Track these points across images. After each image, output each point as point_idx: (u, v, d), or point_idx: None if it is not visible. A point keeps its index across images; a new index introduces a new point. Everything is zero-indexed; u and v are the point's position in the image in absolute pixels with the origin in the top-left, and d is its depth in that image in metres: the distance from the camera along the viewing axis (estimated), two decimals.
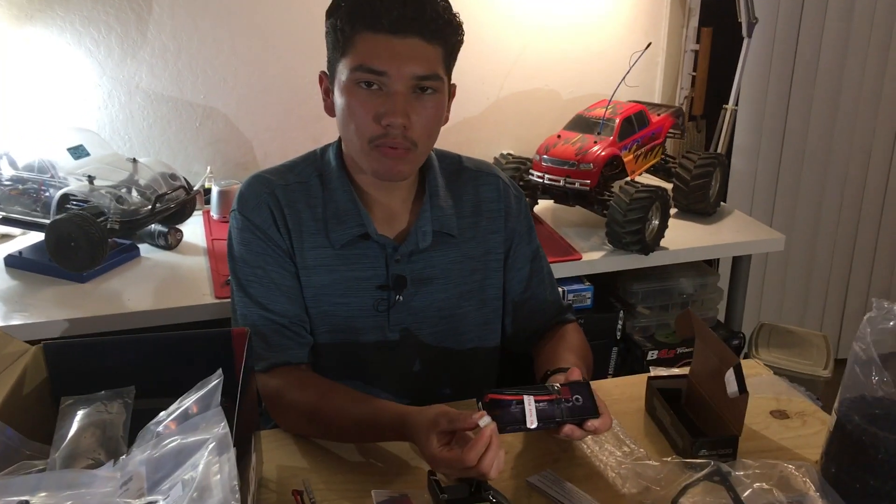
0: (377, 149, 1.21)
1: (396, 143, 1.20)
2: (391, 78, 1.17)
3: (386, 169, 1.24)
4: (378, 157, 1.22)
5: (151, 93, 2.19)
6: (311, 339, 1.33)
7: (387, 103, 1.18)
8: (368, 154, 1.23)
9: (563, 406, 1.10)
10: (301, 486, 1.10)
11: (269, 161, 2.33)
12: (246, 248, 1.30)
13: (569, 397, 1.11)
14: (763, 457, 1.15)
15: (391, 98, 1.18)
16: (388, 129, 1.19)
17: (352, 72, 1.18)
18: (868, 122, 2.92)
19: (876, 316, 1.00)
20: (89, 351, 1.08)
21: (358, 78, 1.18)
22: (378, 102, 1.19)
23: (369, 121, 1.20)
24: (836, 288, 3.16)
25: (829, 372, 2.23)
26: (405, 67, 1.17)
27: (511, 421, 1.08)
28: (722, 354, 1.19)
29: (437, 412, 1.07)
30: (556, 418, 1.10)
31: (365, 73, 1.17)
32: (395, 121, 1.18)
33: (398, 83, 1.18)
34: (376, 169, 1.24)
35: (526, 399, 1.10)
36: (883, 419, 1.00)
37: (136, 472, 0.80)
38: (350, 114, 1.21)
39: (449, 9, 1.21)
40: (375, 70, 1.17)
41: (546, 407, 1.10)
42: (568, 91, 2.54)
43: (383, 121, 1.19)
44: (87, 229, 1.69)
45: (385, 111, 1.18)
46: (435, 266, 1.34)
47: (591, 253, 2.00)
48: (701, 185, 2.18)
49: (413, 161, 1.26)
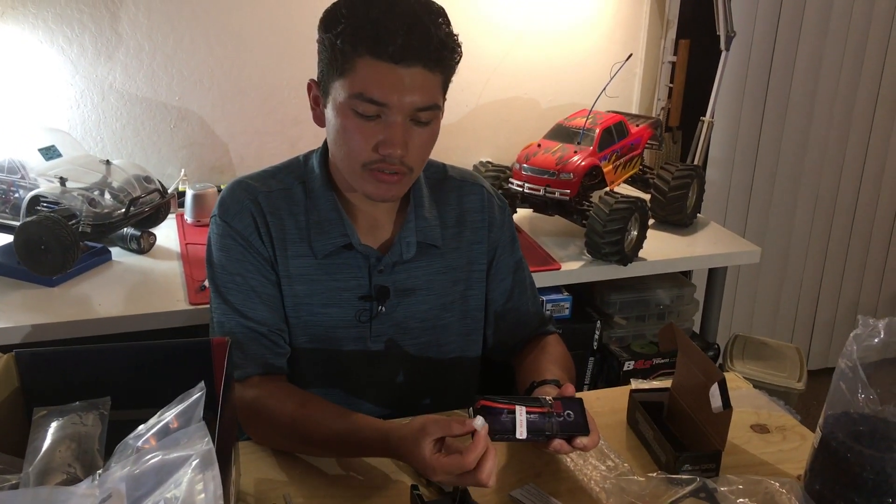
0: (371, 173, 1.19)
1: (393, 170, 1.18)
2: (391, 109, 1.14)
3: (379, 193, 1.22)
4: (372, 180, 1.20)
5: (125, 93, 2.15)
6: (289, 349, 1.30)
7: (385, 132, 1.16)
8: (361, 176, 1.20)
9: (555, 420, 1.09)
10: (281, 501, 1.08)
11: (244, 165, 2.30)
12: (226, 255, 1.27)
13: (560, 412, 1.10)
14: (744, 471, 1.15)
15: (390, 128, 1.15)
16: (384, 157, 1.17)
17: (350, 97, 1.15)
18: (840, 136, 2.96)
19: (861, 333, 1.00)
20: (63, 360, 1.05)
21: (356, 105, 1.14)
22: (376, 130, 1.16)
23: (365, 147, 1.17)
24: (806, 299, 3.20)
25: (803, 385, 2.25)
26: (406, 98, 1.14)
27: (500, 430, 1.07)
28: (706, 369, 1.19)
29: (425, 420, 1.05)
30: (546, 432, 1.08)
31: (364, 102, 1.14)
32: (394, 152, 1.16)
33: (398, 115, 1.15)
34: (369, 192, 1.22)
35: (518, 409, 1.09)
36: (868, 436, 1.00)
37: (115, 490, 0.77)
38: (345, 137, 1.18)
39: (452, 34, 1.17)
40: (376, 101, 1.13)
41: (537, 419, 1.09)
42: (547, 100, 2.55)
43: (381, 150, 1.16)
44: (57, 232, 1.65)
45: (383, 141, 1.16)
46: (418, 277, 1.33)
47: (570, 263, 2.00)
48: (678, 196, 2.19)
49: (406, 184, 1.24)
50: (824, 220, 3.08)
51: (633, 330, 2.21)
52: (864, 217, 3.14)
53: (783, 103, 2.85)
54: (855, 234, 3.15)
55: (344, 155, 1.20)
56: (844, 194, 3.07)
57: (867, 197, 3.11)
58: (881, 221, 3.18)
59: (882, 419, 1.00)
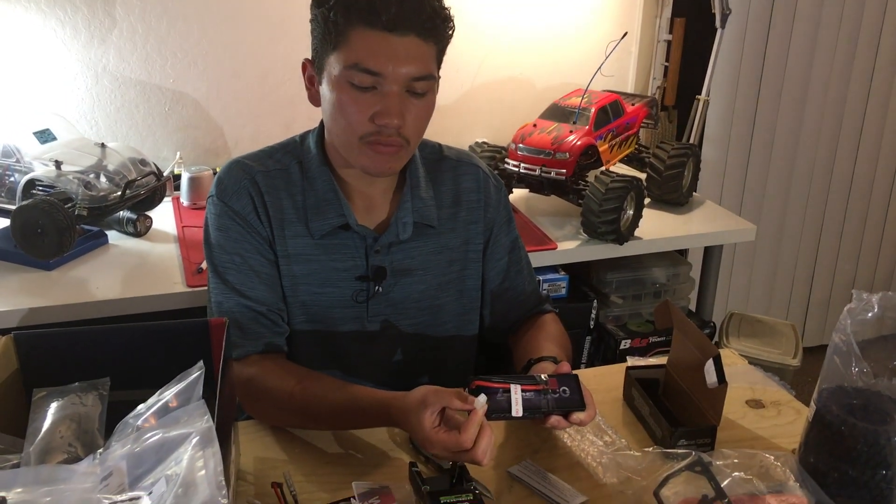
0: (368, 145, 1.19)
1: (390, 141, 1.19)
2: (386, 79, 1.14)
3: (376, 165, 1.22)
4: (369, 153, 1.20)
5: (119, 76, 2.14)
6: (288, 328, 1.31)
7: (381, 103, 1.16)
8: (358, 150, 1.20)
9: (550, 397, 1.10)
10: (280, 479, 1.09)
11: (239, 147, 2.30)
12: (224, 235, 1.27)
13: (556, 388, 1.11)
14: (739, 446, 1.16)
15: (386, 98, 1.16)
16: (381, 128, 1.17)
17: (345, 69, 1.15)
18: (836, 113, 2.96)
19: (856, 307, 1.01)
20: (62, 341, 1.06)
21: (352, 77, 1.15)
22: (372, 101, 1.16)
23: (362, 119, 1.17)
24: (802, 277, 3.21)
25: (798, 361, 2.26)
26: (401, 68, 1.14)
27: (496, 409, 1.07)
28: (701, 345, 1.20)
29: (426, 392, 1.06)
30: (542, 409, 1.09)
31: (360, 72, 1.14)
32: (391, 122, 1.16)
33: (393, 84, 1.15)
34: (366, 165, 1.22)
35: (513, 388, 1.10)
36: (861, 409, 1.01)
37: (116, 467, 0.78)
38: (341, 110, 1.18)
39: (443, 5, 1.18)
40: (371, 71, 1.14)
41: (532, 397, 1.10)
42: (542, 80, 2.54)
43: (377, 120, 1.16)
44: (54, 216, 1.65)
45: (379, 111, 1.16)
46: (414, 257, 1.33)
47: (566, 242, 2.00)
48: (674, 175, 2.19)
49: (403, 158, 1.24)
50: (820, 197, 3.09)
51: (629, 309, 2.22)
52: (860, 194, 3.14)
53: (779, 81, 2.84)
54: (850, 211, 3.16)
55: (341, 129, 1.20)
56: (840, 171, 3.07)
57: (863, 174, 3.11)
58: (877, 199, 3.18)
59: (876, 392, 1.01)
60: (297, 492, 1.06)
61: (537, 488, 1.11)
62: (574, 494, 1.10)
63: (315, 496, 1.08)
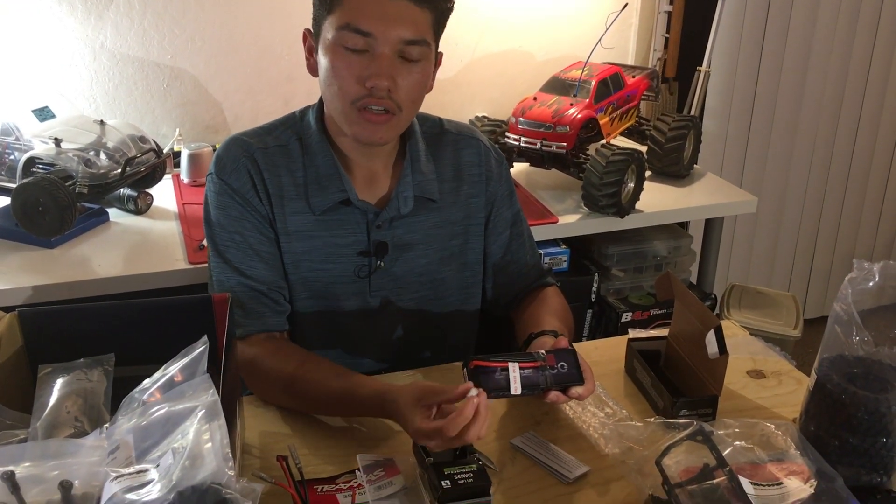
0: (360, 112, 1.19)
1: (381, 105, 1.18)
2: (378, 40, 1.15)
3: (367, 133, 1.21)
4: (360, 120, 1.20)
5: (117, 53, 2.13)
6: (289, 306, 1.31)
7: (372, 65, 1.16)
8: (350, 116, 1.20)
9: (548, 373, 1.11)
10: (286, 452, 1.09)
11: (239, 124, 2.29)
12: (223, 213, 1.27)
13: (554, 364, 1.12)
14: (740, 416, 1.17)
15: (376, 60, 1.16)
16: (371, 91, 1.17)
17: (337, 31, 1.15)
18: (837, 84, 2.95)
19: (856, 276, 1.01)
20: (66, 318, 1.06)
21: (344, 38, 1.15)
22: (363, 64, 1.16)
23: (353, 82, 1.17)
24: (803, 248, 3.21)
25: (799, 332, 2.27)
26: (393, 30, 1.14)
27: (495, 387, 1.08)
28: (702, 316, 1.21)
29: (421, 388, 1.06)
30: (541, 385, 1.10)
31: (351, 32, 1.14)
32: (381, 83, 1.16)
33: (385, 46, 1.15)
34: (357, 133, 1.22)
35: (511, 366, 1.10)
36: (862, 378, 1.02)
37: (123, 441, 0.79)
38: (334, 74, 1.18)
39: None
40: (362, 31, 1.14)
41: (531, 374, 1.10)
42: (542, 52, 2.52)
43: (367, 83, 1.16)
44: (54, 194, 1.65)
45: (370, 73, 1.16)
46: (416, 231, 1.33)
47: (567, 216, 2.00)
48: (675, 147, 2.18)
49: (395, 127, 1.24)
50: (821, 168, 3.08)
51: (630, 282, 2.23)
52: (861, 165, 3.13)
53: (780, 52, 2.82)
54: (851, 182, 3.15)
55: (334, 94, 1.20)
56: (841, 143, 3.06)
57: (863, 145, 3.10)
58: (877, 170, 3.18)
59: (876, 361, 1.01)
60: (303, 465, 1.07)
61: (540, 459, 1.12)
62: (576, 465, 1.11)
63: (320, 469, 1.09)
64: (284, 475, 1.01)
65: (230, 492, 0.72)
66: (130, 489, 0.73)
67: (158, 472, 0.74)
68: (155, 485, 0.73)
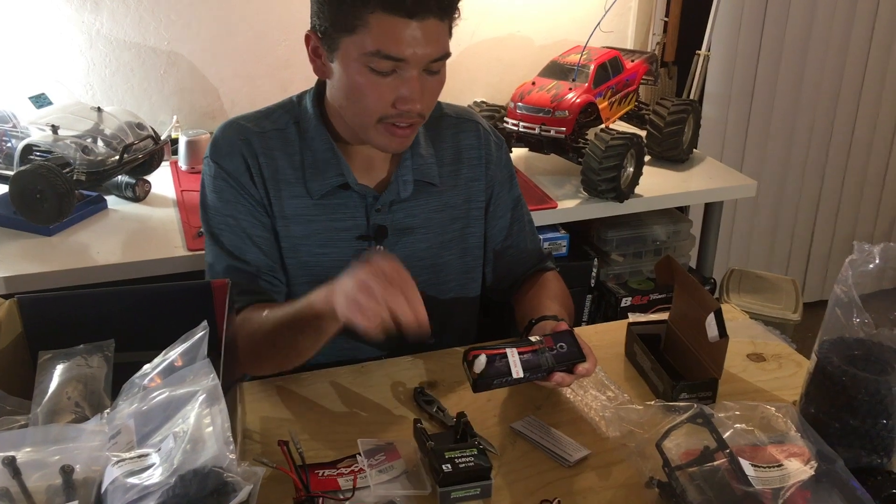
0: (386, 126, 1.19)
1: (409, 122, 1.19)
2: (408, 64, 1.13)
3: (395, 145, 1.22)
4: (386, 134, 1.20)
5: (113, 39, 2.12)
6: (284, 286, 1.31)
7: (402, 88, 1.15)
8: (377, 130, 1.20)
9: (548, 354, 1.11)
10: (287, 437, 1.09)
11: (236, 110, 2.27)
12: (218, 196, 1.27)
13: (552, 345, 1.11)
14: (741, 399, 1.17)
15: (408, 84, 1.15)
16: (402, 112, 1.17)
17: (365, 55, 1.13)
18: (836, 67, 2.94)
19: (857, 258, 1.01)
20: (65, 304, 1.06)
21: (371, 62, 1.13)
22: (393, 85, 1.15)
23: (380, 103, 1.16)
24: (802, 232, 3.21)
25: (799, 316, 2.27)
26: (422, 52, 1.13)
27: (497, 374, 1.08)
28: (702, 300, 1.21)
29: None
30: (543, 367, 1.10)
31: (381, 59, 1.12)
32: (414, 107, 1.16)
33: (415, 69, 1.14)
34: (383, 144, 1.22)
35: (508, 351, 1.10)
36: (862, 360, 1.02)
37: (124, 426, 0.79)
38: (359, 94, 1.17)
39: None
40: (394, 57, 1.12)
41: (531, 357, 1.10)
42: (541, 37, 2.51)
43: (400, 106, 1.16)
44: (52, 181, 1.64)
45: (402, 97, 1.15)
46: (416, 215, 1.33)
47: (566, 201, 2.00)
48: (674, 131, 2.18)
49: (417, 130, 1.25)
50: (821, 152, 3.07)
51: (630, 266, 2.23)
52: (861, 149, 3.13)
53: (780, 36, 2.81)
54: (851, 166, 3.15)
55: (358, 111, 1.19)
56: (841, 125, 3.05)
57: (863, 129, 3.09)
58: (877, 153, 3.17)
59: (877, 343, 1.01)
60: (304, 450, 1.07)
61: (541, 443, 1.13)
62: (577, 448, 1.11)
63: (321, 453, 1.09)
64: (285, 460, 1.01)
65: (231, 475, 0.72)
66: (132, 473, 0.73)
67: (159, 457, 0.74)
68: (156, 469, 0.73)
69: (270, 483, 1.00)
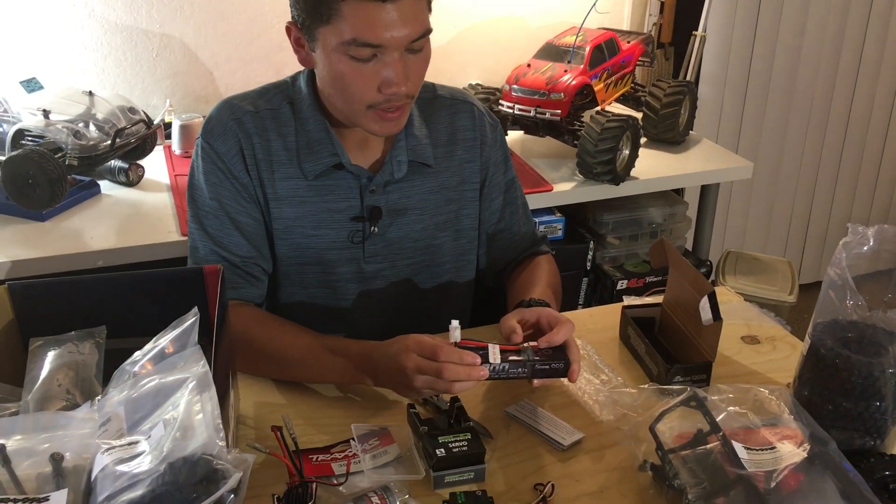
0: (375, 112, 1.18)
1: (398, 105, 1.18)
2: (387, 48, 1.12)
3: (385, 129, 1.21)
4: (376, 119, 1.19)
5: (105, 22, 2.10)
6: (265, 277, 1.30)
7: (385, 71, 1.14)
8: (365, 115, 1.19)
9: (530, 353, 1.09)
10: (280, 422, 1.09)
11: (230, 93, 2.23)
12: (205, 178, 1.27)
13: (536, 349, 1.10)
14: (735, 381, 1.17)
15: (389, 67, 1.13)
16: (389, 97, 1.16)
17: (342, 44, 1.12)
18: (833, 49, 2.92)
19: (851, 241, 1.01)
20: (56, 290, 1.05)
21: (350, 51, 1.12)
22: (375, 71, 1.14)
23: (365, 89, 1.15)
24: (798, 214, 3.21)
25: (794, 297, 2.27)
26: (400, 35, 1.11)
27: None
28: (696, 282, 1.20)
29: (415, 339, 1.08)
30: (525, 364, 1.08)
31: (359, 47, 1.11)
32: (399, 90, 1.15)
33: (395, 52, 1.13)
34: (374, 130, 1.21)
35: (490, 346, 1.08)
36: (856, 343, 1.02)
37: (114, 413, 0.78)
38: (343, 83, 1.16)
39: None
40: (371, 44, 1.11)
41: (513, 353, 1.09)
42: (536, 18, 2.49)
43: (385, 90, 1.15)
44: (44, 166, 1.63)
45: (386, 81, 1.14)
46: (410, 196, 1.32)
47: (562, 184, 1.99)
48: (670, 113, 2.17)
49: (407, 112, 1.23)
50: (817, 133, 3.06)
51: (625, 249, 2.22)
52: (857, 131, 3.12)
53: (776, 16, 2.79)
54: (847, 148, 3.14)
55: (346, 99, 1.19)
56: (837, 107, 3.04)
57: (860, 110, 3.08)
58: (873, 136, 3.16)
59: (870, 325, 1.01)
60: (297, 435, 1.07)
61: (535, 427, 1.13)
62: (571, 432, 1.11)
63: (315, 438, 1.09)
64: (279, 445, 1.00)
65: (221, 462, 0.72)
66: (121, 461, 0.73)
67: (149, 444, 0.74)
68: (146, 456, 0.73)
69: (264, 468, 1.00)
